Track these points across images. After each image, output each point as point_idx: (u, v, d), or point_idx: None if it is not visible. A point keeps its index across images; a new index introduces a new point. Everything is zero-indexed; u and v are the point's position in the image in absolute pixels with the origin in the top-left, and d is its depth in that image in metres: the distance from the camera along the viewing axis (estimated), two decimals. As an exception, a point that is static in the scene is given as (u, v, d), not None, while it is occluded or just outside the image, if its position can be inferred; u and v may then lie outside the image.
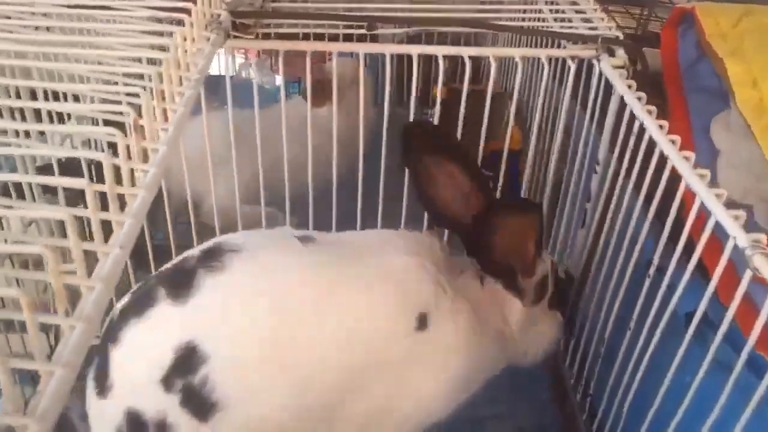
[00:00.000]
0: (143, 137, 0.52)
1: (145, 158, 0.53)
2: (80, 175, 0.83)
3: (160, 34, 0.64)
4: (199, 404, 0.66)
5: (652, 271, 0.76)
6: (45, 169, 0.95)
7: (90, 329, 0.38)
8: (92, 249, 0.43)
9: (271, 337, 0.68)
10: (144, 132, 0.52)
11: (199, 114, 0.89)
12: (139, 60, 0.57)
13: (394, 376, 0.73)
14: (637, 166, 0.78)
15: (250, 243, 0.72)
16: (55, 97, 0.75)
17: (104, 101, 0.54)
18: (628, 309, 0.82)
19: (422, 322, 0.73)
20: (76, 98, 0.61)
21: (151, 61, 0.59)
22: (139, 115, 0.52)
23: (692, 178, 0.63)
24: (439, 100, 0.92)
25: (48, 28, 0.68)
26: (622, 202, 0.83)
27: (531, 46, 1.16)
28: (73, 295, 0.41)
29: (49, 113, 0.78)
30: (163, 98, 0.58)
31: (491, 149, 1.11)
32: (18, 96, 0.79)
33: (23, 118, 0.80)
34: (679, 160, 0.65)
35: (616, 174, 0.85)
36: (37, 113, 0.82)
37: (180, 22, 0.66)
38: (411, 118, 0.97)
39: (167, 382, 0.65)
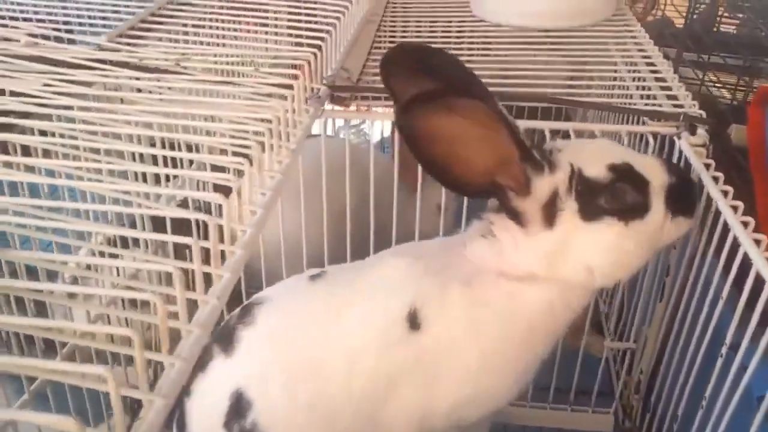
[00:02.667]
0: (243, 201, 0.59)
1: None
2: (189, 228, 0.92)
3: (268, 107, 0.73)
4: None
5: (724, 350, 0.76)
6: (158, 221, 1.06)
7: (187, 367, 0.45)
8: (194, 297, 0.50)
9: (294, 376, 0.73)
10: (245, 195, 0.60)
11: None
12: (246, 132, 0.65)
13: (417, 378, 0.73)
14: (714, 244, 0.79)
15: (271, 293, 0.79)
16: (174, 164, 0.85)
17: (214, 168, 0.62)
18: (704, 387, 0.81)
19: (413, 323, 0.72)
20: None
21: (257, 133, 0.67)
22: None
23: (760, 261, 0.64)
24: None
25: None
26: (699, 278, 0.83)
27: (619, 123, 1.18)
28: (173, 336, 0.48)
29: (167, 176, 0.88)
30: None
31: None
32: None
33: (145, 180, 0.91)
34: (749, 244, 0.66)
35: (695, 249, 0.85)
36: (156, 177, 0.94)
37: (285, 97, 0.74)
38: None
39: (228, 426, 0.73)
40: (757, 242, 0.67)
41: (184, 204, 1.09)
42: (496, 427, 1.14)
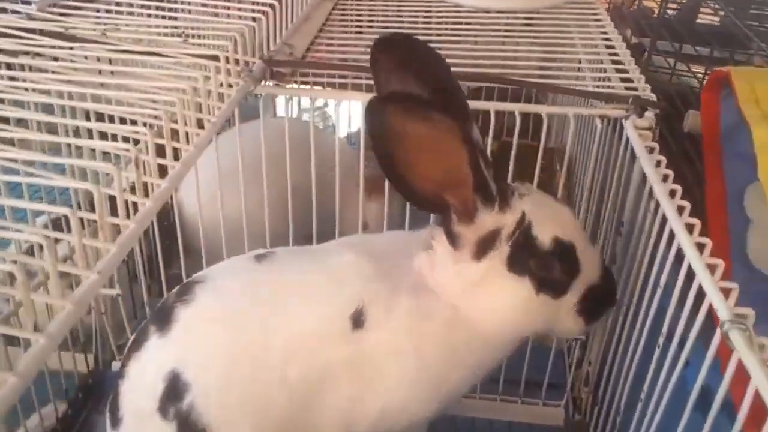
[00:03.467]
0: (144, 173, 0.56)
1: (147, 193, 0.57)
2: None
3: (186, 77, 0.69)
4: (192, 429, 0.69)
5: (661, 341, 0.74)
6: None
7: (51, 344, 0.42)
8: (71, 271, 0.47)
9: (230, 361, 0.70)
10: (147, 168, 0.56)
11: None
12: (157, 102, 0.62)
13: (351, 377, 0.71)
14: (655, 232, 0.76)
15: (213, 272, 0.76)
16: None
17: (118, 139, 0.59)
18: (644, 379, 0.79)
19: (357, 322, 0.71)
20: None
21: (167, 103, 0.64)
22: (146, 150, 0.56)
23: (690, 250, 0.61)
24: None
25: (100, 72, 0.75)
26: (641, 267, 0.81)
27: (578, 105, 1.16)
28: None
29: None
30: (177, 137, 0.63)
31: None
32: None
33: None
34: (681, 231, 0.64)
35: (639, 239, 0.83)
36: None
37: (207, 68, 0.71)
38: None
39: (163, 410, 0.70)
40: (690, 227, 0.64)
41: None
42: (444, 419, 1.11)
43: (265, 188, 0.99)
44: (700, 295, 0.62)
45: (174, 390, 0.69)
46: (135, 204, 0.56)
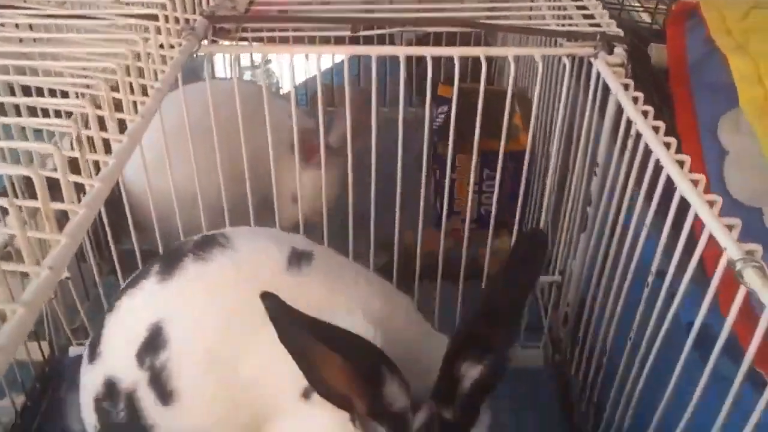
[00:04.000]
0: (89, 150, 0.50)
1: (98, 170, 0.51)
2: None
3: (124, 40, 0.62)
4: (161, 388, 0.66)
5: (650, 279, 0.72)
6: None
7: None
8: (19, 269, 0.41)
9: (212, 344, 0.67)
10: (91, 144, 0.50)
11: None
12: (92, 70, 0.55)
13: None
14: (635, 170, 0.74)
15: (240, 243, 0.70)
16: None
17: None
18: (632, 316, 0.78)
19: None
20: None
21: (106, 70, 0.57)
22: (86, 126, 0.50)
23: (684, 184, 0.58)
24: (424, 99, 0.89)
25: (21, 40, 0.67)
26: (621, 206, 0.78)
27: (544, 46, 1.11)
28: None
29: None
30: (120, 107, 0.56)
31: (496, 149, 1.07)
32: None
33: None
34: (672, 165, 0.61)
35: (616, 177, 0.81)
36: None
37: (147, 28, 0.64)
38: (426, 120, 0.91)
39: (140, 357, 0.67)
40: (680, 163, 0.61)
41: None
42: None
43: (218, 156, 0.92)
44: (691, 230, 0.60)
45: (153, 342, 0.66)
46: (81, 186, 0.50)
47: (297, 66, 1.81)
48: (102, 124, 0.53)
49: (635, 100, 0.72)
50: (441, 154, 1.29)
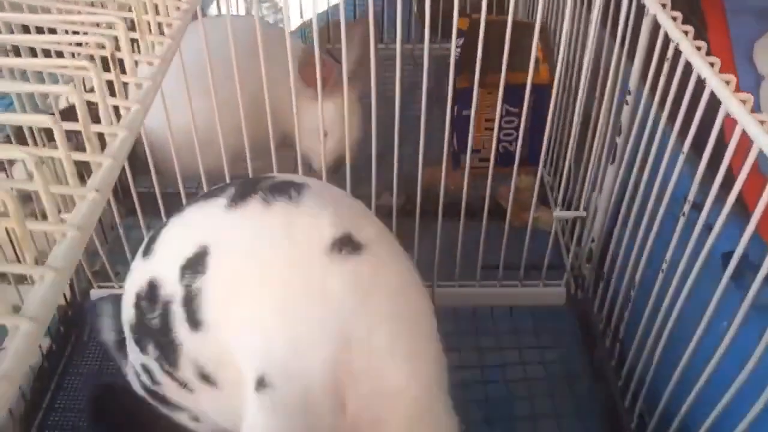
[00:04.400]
0: (124, 71, 0.48)
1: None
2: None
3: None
4: (191, 312, 0.64)
5: (687, 208, 0.70)
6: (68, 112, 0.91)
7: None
8: (66, 192, 0.39)
9: (264, 289, 0.63)
10: (123, 66, 0.48)
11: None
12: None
13: None
14: (672, 95, 0.72)
15: (305, 203, 0.66)
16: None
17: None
18: (662, 250, 0.77)
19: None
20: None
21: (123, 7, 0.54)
22: (117, 48, 0.48)
23: (732, 102, 0.57)
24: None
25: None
26: (655, 135, 0.77)
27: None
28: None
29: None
30: (149, 30, 0.54)
31: (517, 83, 1.04)
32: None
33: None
34: (718, 83, 0.59)
35: (649, 104, 0.78)
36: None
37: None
38: (425, 55, 0.89)
39: (182, 272, 0.65)
40: (727, 82, 0.59)
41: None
42: (446, 312, 1.09)
43: (239, 93, 0.90)
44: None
45: (195, 263, 0.64)
46: (116, 109, 0.48)
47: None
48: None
49: (673, 20, 0.70)
50: (458, 88, 1.27)
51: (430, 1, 0.81)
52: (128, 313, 0.70)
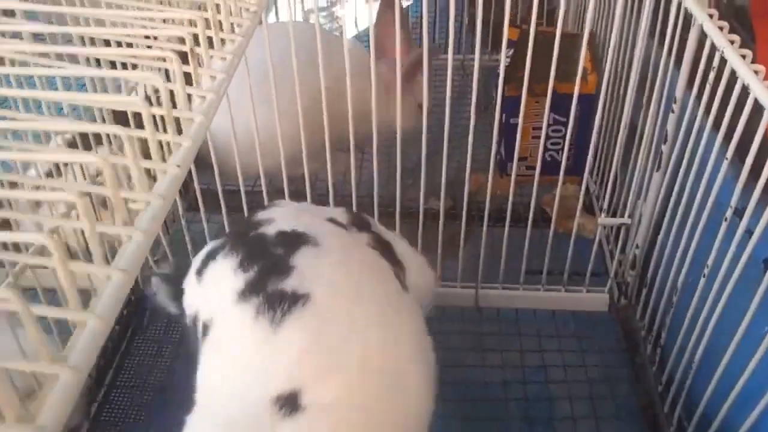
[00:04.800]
0: (199, 64, 0.52)
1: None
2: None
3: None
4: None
5: (729, 213, 0.72)
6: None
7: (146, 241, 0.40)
8: (152, 167, 0.44)
9: None
10: (200, 59, 0.53)
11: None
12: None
13: None
14: (717, 103, 0.73)
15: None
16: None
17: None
18: (704, 255, 0.78)
19: None
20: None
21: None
22: (196, 43, 0.52)
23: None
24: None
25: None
26: (700, 142, 0.78)
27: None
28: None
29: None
30: (221, 27, 0.59)
31: (565, 92, 1.07)
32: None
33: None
34: (762, 91, 0.61)
35: (694, 112, 0.80)
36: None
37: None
38: (476, 63, 0.92)
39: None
40: (770, 89, 0.61)
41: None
42: (490, 312, 1.12)
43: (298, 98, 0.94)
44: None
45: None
46: (189, 97, 0.52)
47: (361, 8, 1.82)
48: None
49: (720, 29, 0.72)
50: (506, 96, 1.29)
51: (482, 12, 0.85)
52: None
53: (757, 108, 0.63)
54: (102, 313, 0.34)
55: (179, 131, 0.49)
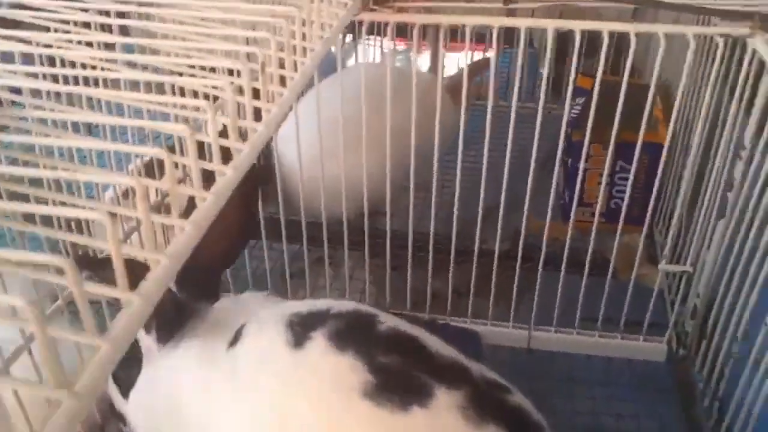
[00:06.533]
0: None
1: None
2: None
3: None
4: None
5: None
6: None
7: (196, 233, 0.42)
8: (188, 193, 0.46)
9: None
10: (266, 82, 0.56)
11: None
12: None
13: None
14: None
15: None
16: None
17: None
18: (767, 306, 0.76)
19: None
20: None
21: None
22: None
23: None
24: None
25: None
26: (766, 191, 0.77)
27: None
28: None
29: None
30: (295, 51, 0.62)
31: (634, 141, 1.06)
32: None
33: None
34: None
35: (763, 160, 0.79)
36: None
37: None
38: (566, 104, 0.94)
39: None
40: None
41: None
42: (543, 354, 1.10)
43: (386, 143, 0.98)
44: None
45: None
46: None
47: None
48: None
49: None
50: (575, 142, 1.30)
51: (554, 63, 0.86)
52: None
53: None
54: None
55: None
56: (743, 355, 0.80)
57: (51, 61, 0.61)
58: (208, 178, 0.46)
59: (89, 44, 0.59)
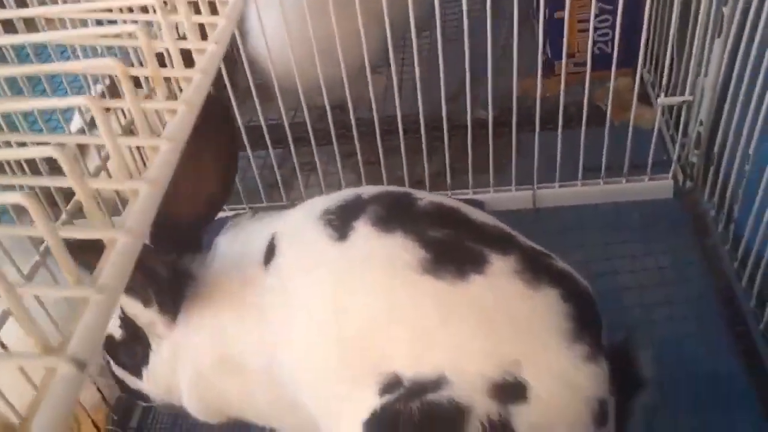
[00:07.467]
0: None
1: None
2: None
3: None
4: None
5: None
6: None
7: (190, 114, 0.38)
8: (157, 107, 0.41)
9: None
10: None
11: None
12: None
13: None
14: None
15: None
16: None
17: None
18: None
19: None
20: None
21: None
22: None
23: None
24: None
25: None
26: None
27: None
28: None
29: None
30: None
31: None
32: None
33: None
34: None
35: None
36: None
37: None
38: None
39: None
40: None
41: None
42: (549, 211, 1.09)
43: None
44: None
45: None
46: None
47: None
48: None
49: None
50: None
51: None
52: None
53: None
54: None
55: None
56: (758, 167, 0.79)
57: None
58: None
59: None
